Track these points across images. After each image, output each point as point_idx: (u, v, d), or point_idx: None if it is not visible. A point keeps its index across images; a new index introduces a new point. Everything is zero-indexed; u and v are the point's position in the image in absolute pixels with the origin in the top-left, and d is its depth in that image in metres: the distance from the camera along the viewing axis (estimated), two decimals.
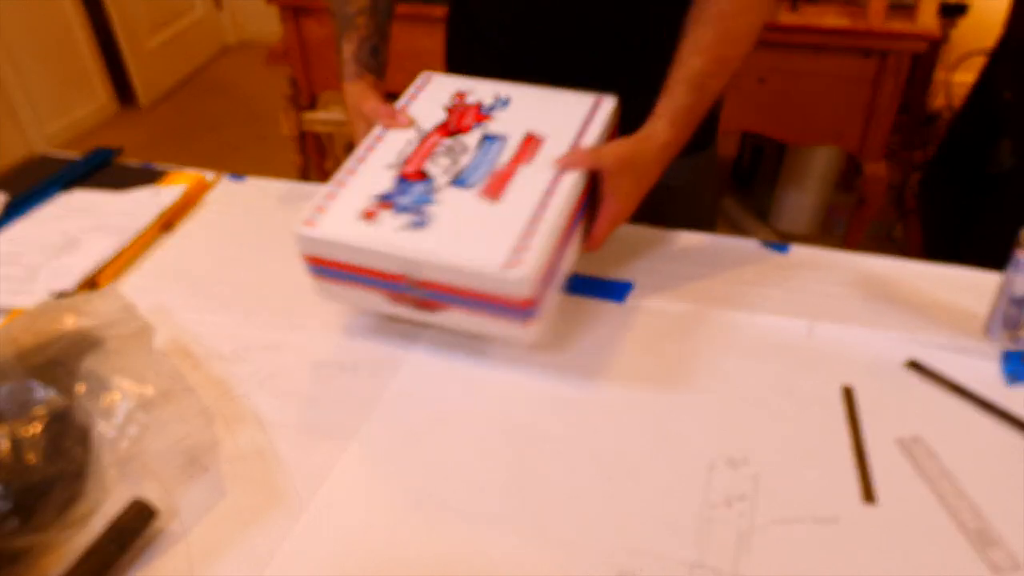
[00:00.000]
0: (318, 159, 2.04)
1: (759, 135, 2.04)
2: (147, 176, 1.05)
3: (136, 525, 0.57)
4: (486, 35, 0.95)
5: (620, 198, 0.74)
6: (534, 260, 0.65)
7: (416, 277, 0.68)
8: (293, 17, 1.93)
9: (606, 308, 0.79)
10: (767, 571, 0.55)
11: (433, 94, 0.83)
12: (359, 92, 0.84)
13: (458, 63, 1.00)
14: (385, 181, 0.73)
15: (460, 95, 0.83)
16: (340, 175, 0.74)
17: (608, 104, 0.79)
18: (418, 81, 0.86)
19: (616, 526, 0.58)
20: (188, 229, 0.96)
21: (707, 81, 0.76)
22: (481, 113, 0.80)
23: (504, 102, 0.81)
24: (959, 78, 2.31)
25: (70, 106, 2.94)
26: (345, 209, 0.70)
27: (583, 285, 0.81)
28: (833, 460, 0.63)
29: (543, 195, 0.70)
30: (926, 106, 2.56)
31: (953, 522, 0.58)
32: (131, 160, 1.11)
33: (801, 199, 2.21)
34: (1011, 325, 0.71)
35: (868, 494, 0.60)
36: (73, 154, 1.12)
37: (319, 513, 0.60)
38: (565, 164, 0.72)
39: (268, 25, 3.57)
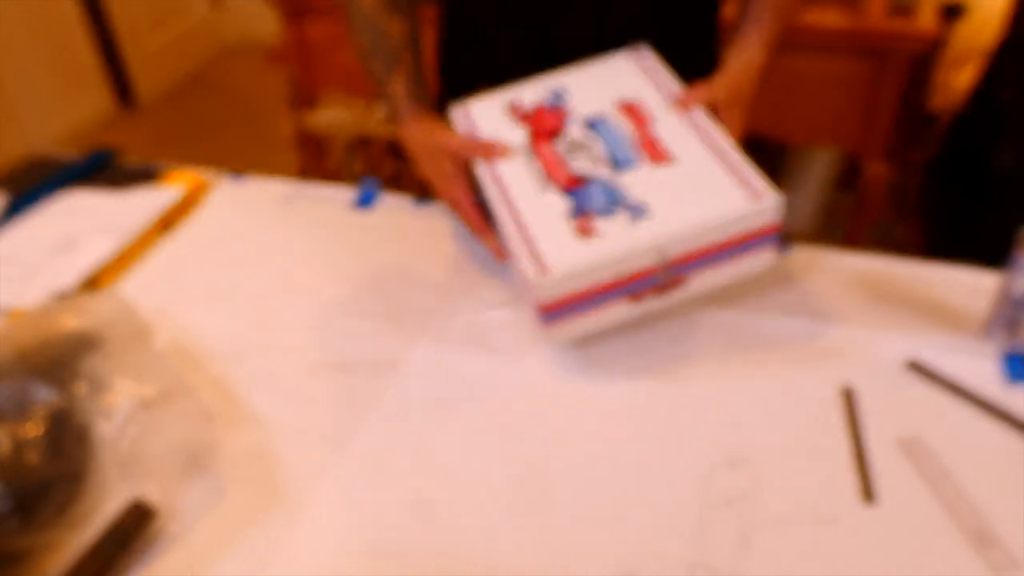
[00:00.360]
0: (318, 159, 2.04)
1: (759, 135, 2.03)
2: (147, 176, 1.04)
3: (136, 525, 0.57)
4: (486, 37, 0.95)
5: (736, 125, 0.76)
6: (767, 182, 0.67)
7: (667, 259, 0.68)
8: (293, 17, 1.93)
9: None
10: (767, 571, 0.55)
11: (485, 117, 0.81)
12: (430, 131, 0.80)
13: (454, 66, 0.99)
14: (555, 201, 0.71)
15: (514, 106, 0.81)
16: (506, 224, 0.71)
17: (648, 53, 0.82)
18: (458, 113, 0.83)
19: (616, 526, 0.58)
20: (188, 229, 0.96)
21: (788, 3, 0.80)
22: (556, 108, 0.80)
23: (560, 92, 0.81)
24: (959, 78, 2.30)
25: (70, 106, 2.94)
26: (557, 243, 0.68)
27: None
28: (833, 460, 0.63)
29: (700, 138, 0.72)
30: (926, 106, 2.56)
31: (953, 522, 0.58)
32: (131, 160, 1.11)
33: (801, 199, 2.21)
34: (1011, 325, 0.71)
35: (868, 494, 0.60)
36: (73, 154, 1.12)
37: (319, 513, 0.60)
38: (687, 105, 0.74)
39: (268, 25, 3.56)
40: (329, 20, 1.91)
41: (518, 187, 0.74)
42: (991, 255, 0.82)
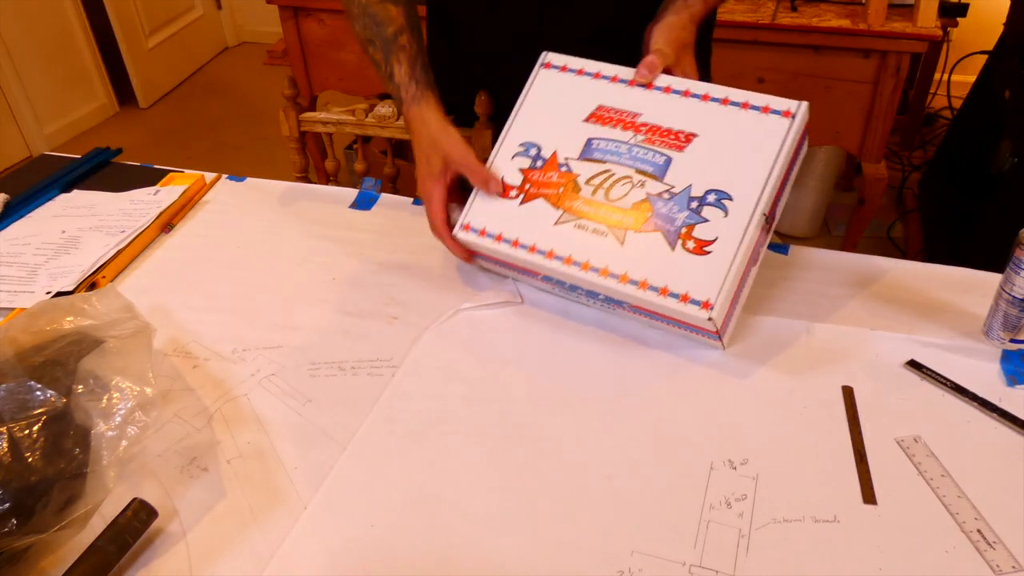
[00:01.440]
0: (318, 159, 2.04)
1: None
2: (147, 176, 1.05)
3: (136, 525, 0.57)
4: (469, 34, 0.95)
5: (689, 73, 0.79)
6: (785, 100, 0.72)
7: (768, 211, 0.71)
8: (293, 17, 1.93)
9: (606, 309, 0.79)
10: (767, 571, 0.55)
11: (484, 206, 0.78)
12: (440, 126, 0.80)
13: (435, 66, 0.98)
14: (644, 242, 0.71)
15: (506, 188, 0.78)
16: (630, 292, 0.70)
17: (556, 55, 0.82)
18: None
19: (616, 526, 0.58)
20: (188, 229, 0.96)
21: None
22: (543, 164, 0.77)
23: (530, 145, 0.79)
24: (959, 78, 2.31)
25: (70, 106, 2.94)
26: (690, 276, 0.68)
27: None
28: (833, 460, 0.63)
29: (693, 100, 0.74)
30: (926, 106, 2.56)
31: (953, 522, 0.58)
32: (131, 160, 1.11)
33: (801, 199, 2.21)
34: (1011, 325, 0.71)
35: (868, 494, 0.60)
36: (73, 154, 1.12)
37: (319, 513, 0.60)
38: (648, 77, 0.77)
39: (268, 25, 3.57)
40: (329, 20, 1.91)
41: (600, 255, 0.72)
42: (991, 255, 0.82)
